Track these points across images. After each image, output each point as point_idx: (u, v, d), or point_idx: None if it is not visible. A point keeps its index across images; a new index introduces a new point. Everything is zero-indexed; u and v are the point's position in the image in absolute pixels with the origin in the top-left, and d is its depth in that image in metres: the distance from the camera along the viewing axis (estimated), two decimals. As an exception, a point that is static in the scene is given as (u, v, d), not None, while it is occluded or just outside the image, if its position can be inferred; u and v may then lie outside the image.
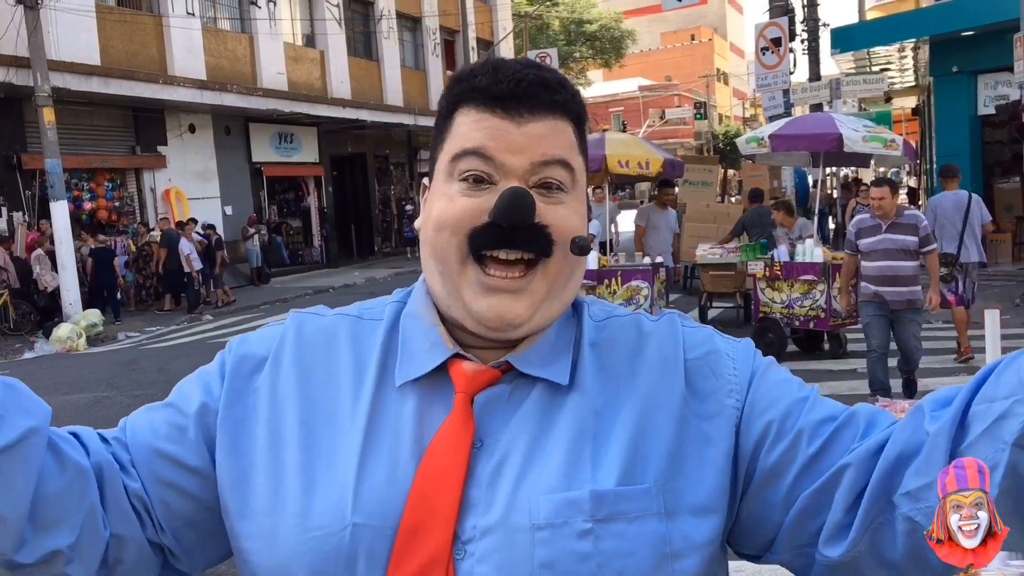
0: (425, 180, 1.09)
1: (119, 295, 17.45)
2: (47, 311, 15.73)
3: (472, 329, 1.01)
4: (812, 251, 9.60)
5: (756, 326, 9.98)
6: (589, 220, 1.12)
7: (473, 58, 31.81)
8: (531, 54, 34.38)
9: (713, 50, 70.68)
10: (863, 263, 7.21)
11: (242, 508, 1.00)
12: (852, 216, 11.87)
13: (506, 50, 37.97)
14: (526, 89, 0.99)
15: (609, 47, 48.68)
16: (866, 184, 12.49)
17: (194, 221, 19.26)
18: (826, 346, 9.91)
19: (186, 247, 17.92)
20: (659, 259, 10.82)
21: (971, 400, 0.88)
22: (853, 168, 27.89)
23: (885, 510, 0.93)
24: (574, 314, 1.08)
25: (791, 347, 9.95)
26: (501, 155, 0.98)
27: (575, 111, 1.03)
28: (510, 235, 0.96)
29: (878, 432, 0.97)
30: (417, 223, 1.07)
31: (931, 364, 8.95)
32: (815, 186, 14.56)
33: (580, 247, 1.00)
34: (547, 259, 0.98)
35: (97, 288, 16.85)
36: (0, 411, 0.88)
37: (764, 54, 18.69)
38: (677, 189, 17.78)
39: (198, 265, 17.97)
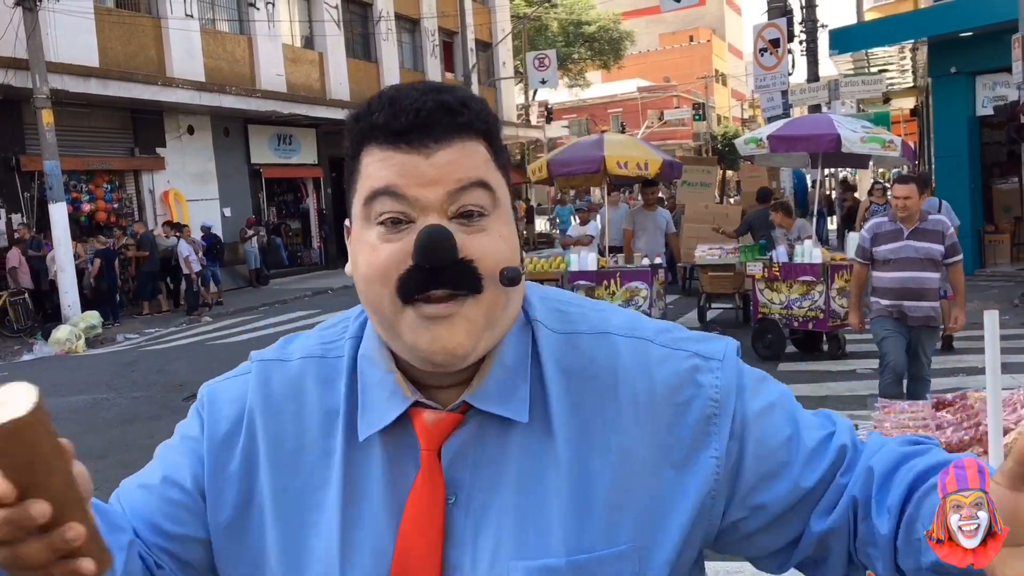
0: (347, 222, 1.05)
1: (118, 297, 17.49)
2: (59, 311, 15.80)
3: (421, 367, 0.97)
4: (811, 252, 9.61)
5: (755, 327, 9.99)
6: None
7: (472, 60, 31.85)
8: (530, 56, 34.40)
9: (711, 51, 70.71)
10: (877, 273, 6.25)
11: None
12: (865, 218, 11.75)
13: (504, 52, 38.02)
14: (427, 118, 0.94)
15: (608, 48, 48.70)
16: (881, 183, 12.25)
17: (185, 227, 19.32)
18: (825, 347, 9.91)
19: (184, 249, 17.93)
20: (657, 260, 10.83)
21: (903, 507, 0.95)
22: (851, 170, 27.89)
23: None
24: (527, 322, 1.03)
25: (790, 348, 9.96)
26: (413, 191, 0.93)
27: (484, 127, 0.98)
28: (436, 275, 0.92)
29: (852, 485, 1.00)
30: (347, 269, 1.03)
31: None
32: (813, 186, 14.59)
33: (509, 279, 0.94)
34: (478, 294, 0.94)
35: (102, 290, 16.94)
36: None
37: (762, 55, 18.71)
38: (677, 189, 17.79)
39: (197, 267, 18.00)
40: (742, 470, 0.99)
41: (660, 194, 15.34)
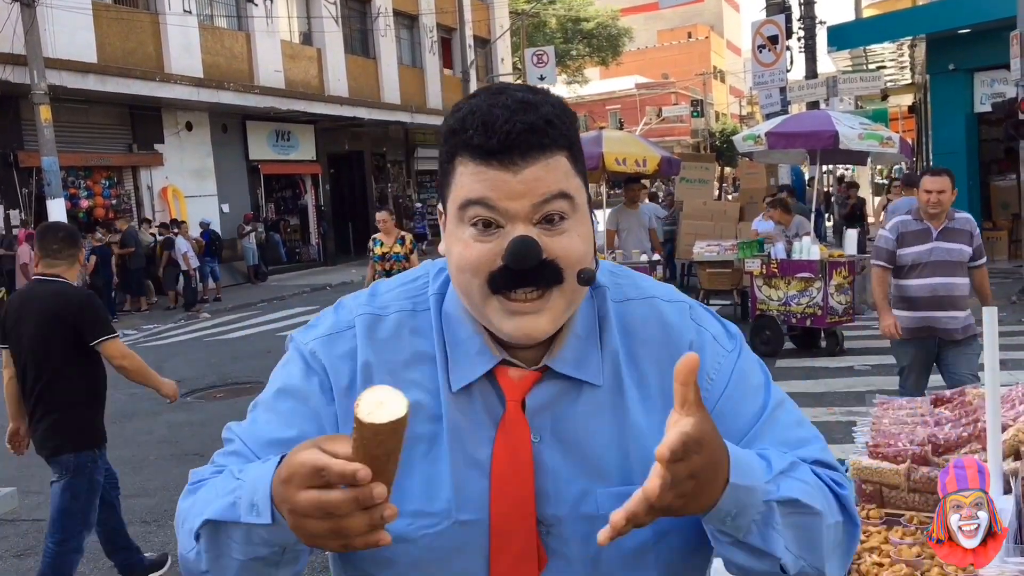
0: (439, 206, 1.18)
1: (112, 293, 17.46)
2: None
3: (504, 339, 1.13)
4: (809, 248, 9.61)
5: (753, 323, 10.00)
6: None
7: (470, 56, 31.80)
8: (528, 52, 34.37)
9: (710, 48, 70.65)
10: (902, 281, 5.47)
11: None
12: (882, 214, 11.57)
13: (503, 48, 37.97)
14: (516, 140, 1.06)
15: (606, 45, 48.65)
16: (896, 182, 12.01)
17: (183, 223, 19.37)
18: (823, 343, 9.93)
19: (183, 245, 17.92)
20: (656, 256, 10.81)
21: None
22: (849, 167, 27.88)
23: None
24: (592, 296, 1.20)
25: (788, 344, 9.97)
26: (503, 203, 1.07)
27: (566, 142, 1.10)
28: (524, 275, 1.08)
29: None
30: (441, 248, 1.17)
31: (927, 361, 8.98)
32: (810, 184, 14.60)
33: (586, 280, 1.10)
34: (561, 285, 1.10)
35: (98, 286, 16.88)
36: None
37: (761, 52, 18.71)
38: (675, 185, 17.76)
39: (195, 263, 17.98)
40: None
41: (653, 190, 15.22)
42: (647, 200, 11.77)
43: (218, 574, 1.08)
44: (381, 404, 0.91)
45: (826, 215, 16.25)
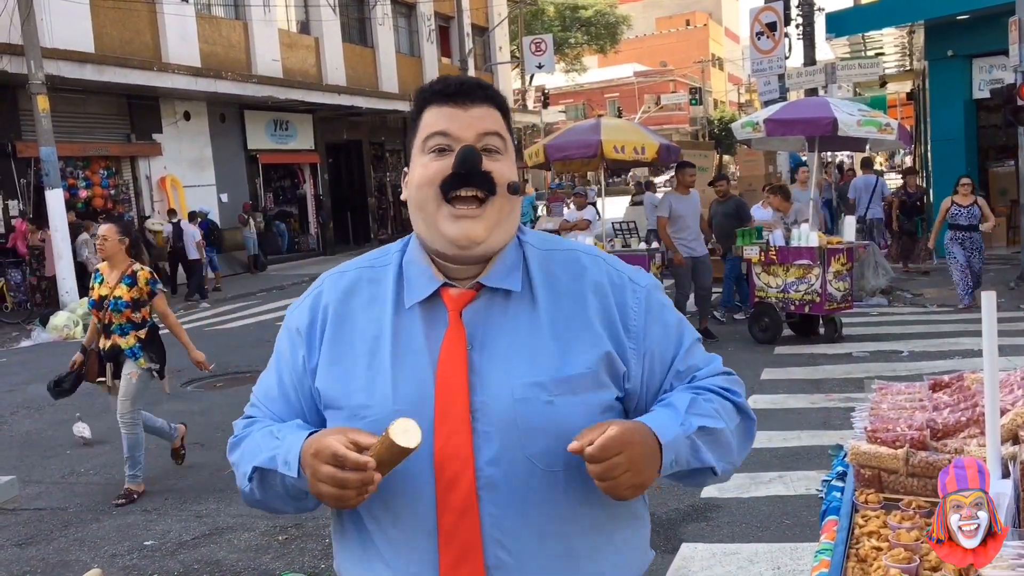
0: (406, 168, 1.56)
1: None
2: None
3: (448, 252, 1.47)
4: (807, 236, 9.62)
5: (752, 310, 10.00)
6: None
7: (468, 44, 31.73)
8: (526, 40, 34.26)
9: (708, 35, 70.48)
10: None
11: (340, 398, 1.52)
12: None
13: (501, 36, 37.85)
14: (466, 88, 1.49)
15: (604, 33, 48.56)
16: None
17: (173, 212, 19.46)
18: (821, 330, 9.93)
19: (196, 234, 18.06)
20: (697, 250, 10.34)
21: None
22: (847, 153, 27.81)
23: None
24: (519, 244, 1.55)
25: (786, 331, 9.98)
26: (456, 131, 1.46)
27: (501, 104, 1.52)
28: (466, 178, 1.43)
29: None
30: (405, 195, 1.54)
31: (926, 348, 9.00)
32: (796, 167, 14.54)
33: (514, 189, 1.48)
34: (493, 196, 1.45)
35: None
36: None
37: (759, 39, 18.66)
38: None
39: (193, 254, 18.00)
40: (644, 364, 1.54)
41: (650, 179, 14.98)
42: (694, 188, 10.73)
43: (268, 499, 1.53)
44: (406, 432, 1.31)
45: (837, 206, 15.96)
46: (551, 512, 1.45)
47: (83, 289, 16.00)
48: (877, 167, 19.75)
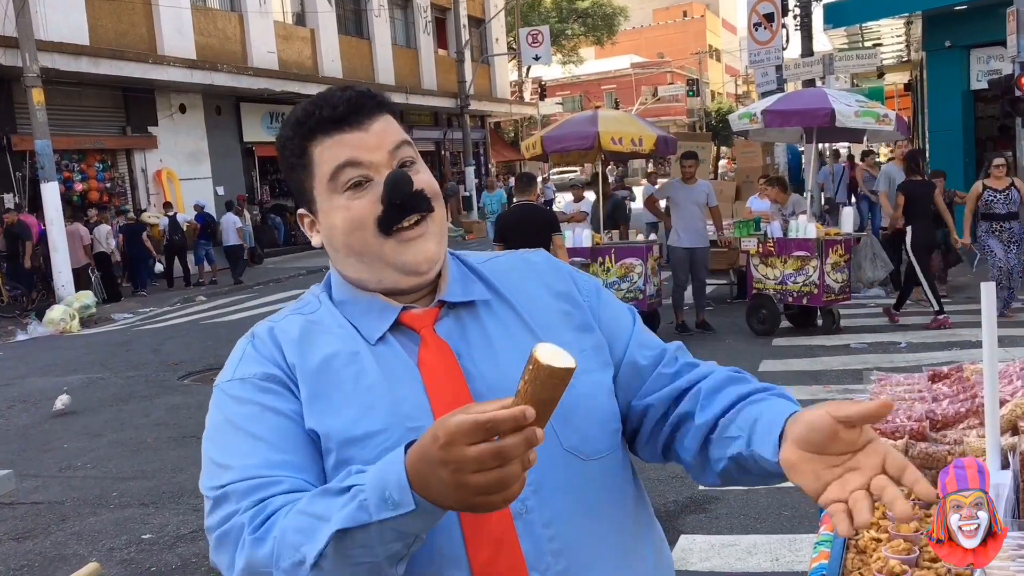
0: (301, 211, 1.38)
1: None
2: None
3: (402, 284, 1.31)
4: (805, 227, 9.60)
5: (749, 302, 10.00)
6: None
7: (465, 36, 31.62)
8: (523, 32, 34.18)
9: (705, 26, 70.39)
10: None
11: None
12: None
13: (497, 28, 37.77)
14: (356, 105, 1.29)
15: (601, 24, 48.44)
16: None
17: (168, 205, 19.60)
18: (819, 322, 9.93)
19: (236, 220, 19.01)
20: (693, 242, 10.06)
21: (723, 415, 1.31)
22: (845, 144, 27.83)
23: (670, 446, 1.39)
24: (454, 257, 1.42)
25: (784, 323, 9.98)
26: (366, 156, 1.27)
27: (392, 108, 1.34)
28: (403, 208, 1.27)
29: (677, 381, 1.39)
30: (316, 242, 1.37)
31: (924, 339, 9.00)
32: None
33: (451, 192, 1.50)
34: (432, 213, 1.30)
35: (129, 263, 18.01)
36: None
37: (757, 30, 18.62)
38: (671, 165, 17.70)
39: (234, 240, 18.93)
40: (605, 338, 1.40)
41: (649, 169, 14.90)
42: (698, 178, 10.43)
43: None
44: (556, 355, 1.00)
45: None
46: (600, 510, 1.31)
47: (84, 283, 15.99)
48: (880, 159, 19.67)
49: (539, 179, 12.54)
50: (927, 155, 16.31)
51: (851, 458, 1.10)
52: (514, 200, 8.95)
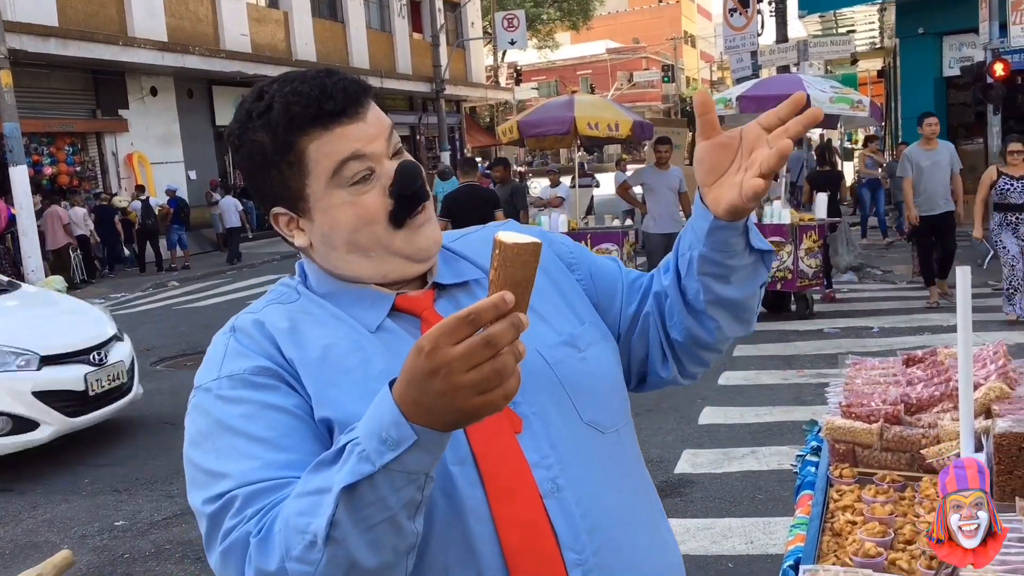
0: (277, 209, 1.28)
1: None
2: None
3: (412, 273, 1.28)
4: (779, 213, 9.65)
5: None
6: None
7: (440, 20, 31.43)
8: (498, 16, 34.02)
9: (680, 12, 70.39)
10: None
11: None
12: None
13: (473, 12, 37.58)
14: (350, 96, 1.22)
15: (576, 9, 48.31)
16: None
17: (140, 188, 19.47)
18: (793, 307, 10.00)
19: (237, 204, 19.60)
20: (668, 227, 9.88)
21: (677, 260, 1.37)
22: (821, 131, 27.92)
23: (671, 342, 1.43)
24: None
25: (759, 308, 10.03)
26: (370, 148, 1.22)
27: (371, 90, 1.28)
28: (414, 196, 1.24)
29: (646, 281, 1.45)
30: (300, 242, 1.28)
31: (896, 324, 9.09)
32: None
33: (443, 174, 1.39)
34: (427, 200, 1.28)
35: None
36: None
37: (732, 16, 18.65)
38: (646, 150, 17.70)
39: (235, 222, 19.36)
40: (596, 289, 1.43)
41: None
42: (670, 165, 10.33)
43: (361, 556, 1.00)
44: (519, 236, 0.99)
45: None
46: (625, 483, 1.31)
47: (64, 264, 15.80)
48: (848, 145, 19.78)
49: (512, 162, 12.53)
50: (899, 140, 16.43)
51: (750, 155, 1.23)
52: (460, 181, 9.56)
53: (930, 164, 9.62)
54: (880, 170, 15.88)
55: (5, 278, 8.18)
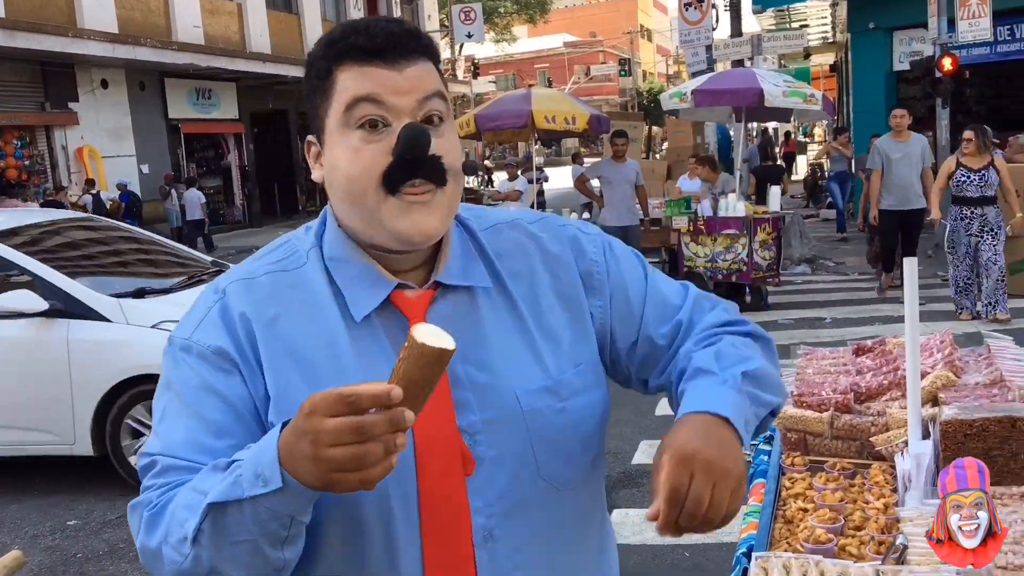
0: (310, 138, 1.24)
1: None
2: None
3: (391, 246, 1.18)
4: (735, 206, 9.75)
5: (680, 280, 10.13)
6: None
7: (396, 12, 31.30)
8: (455, 9, 33.91)
9: (637, 6, 70.68)
10: None
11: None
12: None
13: (429, 4, 37.42)
14: (397, 41, 1.15)
15: (533, 2, 48.27)
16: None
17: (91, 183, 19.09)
18: (748, 299, 10.11)
19: (200, 196, 19.78)
20: (625, 220, 10.05)
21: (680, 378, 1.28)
22: (776, 124, 28.26)
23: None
24: (457, 223, 1.29)
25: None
26: (391, 98, 1.14)
27: (435, 54, 1.21)
28: (415, 168, 1.13)
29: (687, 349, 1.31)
30: (316, 176, 1.23)
31: (848, 315, 9.23)
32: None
33: (470, 168, 1.35)
34: (443, 187, 1.17)
35: None
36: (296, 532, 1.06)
37: (687, 10, 18.76)
38: (604, 144, 17.77)
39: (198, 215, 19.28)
40: (614, 313, 1.32)
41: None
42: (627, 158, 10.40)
43: (224, 560, 1.06)
44: (435, 335, 0.97)
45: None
46: (568, 541, 1.27)
47: None
48: (801, 138, 20.05)
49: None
50: (851, 134, 16.67)
51: None
52: None
53: (900, 156, 9.51)
54: (850, 162, 16.04)
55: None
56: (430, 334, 0.97)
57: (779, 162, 13.23)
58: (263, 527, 1.02)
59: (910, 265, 2.06)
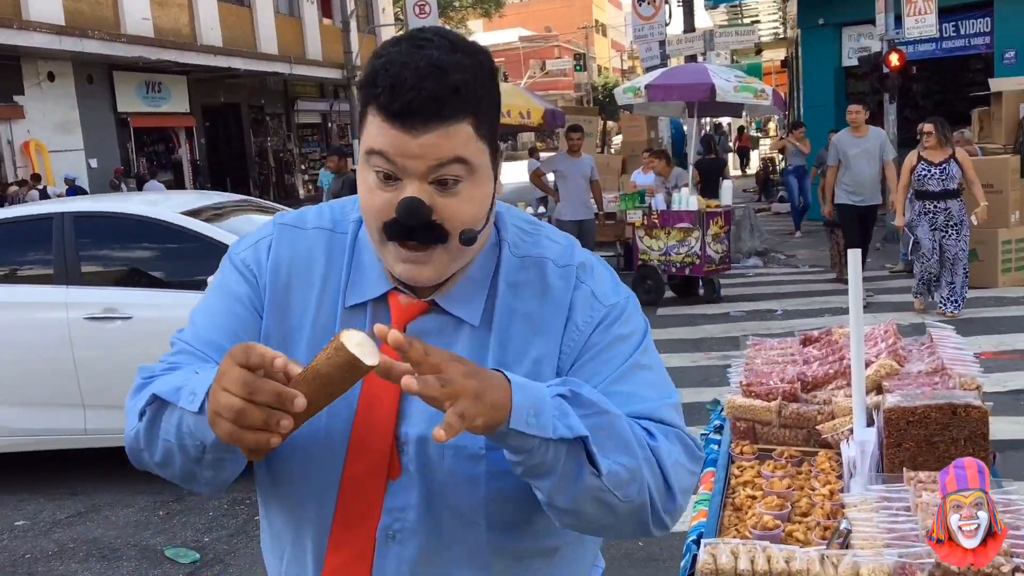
0: (357, 142, 1.36)
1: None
2: None
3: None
4: (687, 200, 9.84)
5: (635, 274, 10.21)
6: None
7: (350, 6, 30.97)
8: (409, 2, 33.72)
9: (592, 1, 70.87)
10: None
11: None
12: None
13: (383, -2, 37.13)
14: (418, 107, 1.13)
15: (489, -4, 48.21)
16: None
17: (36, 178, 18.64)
18: (701, 291, 10.22)
19: (162, 188, 18.71)
20: (580, 214, 10.15)
21: None
22: (727, 119, 28.48)
23: None
24: (496, 242, 1.31)
25: (669, 293, 10.23)
26: (400, 160, 1.16)
27: (472, 109, 1.16)
28: (411, 231, 1.17)
29: None
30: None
31: (798, 307, 9.37)
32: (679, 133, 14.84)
33: (466, 240, 1.20)
34: (443, 244, 1.19)
35: None
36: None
37: (640, 5, 18.84)
38: (559, 138, 17.79)
39: None
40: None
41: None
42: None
43: (150, 454, 1.23)
44: (361, 346, 0.99)
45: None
46: (467, 564, 1.28)
47: None
48: (753, 133, 20.27)
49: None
50: (804, 129, 16.89)
51: None
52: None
53: (858, 151, 9.53)
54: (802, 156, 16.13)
55: None
56: (358, 341, 0.99)
57: (722, 156, 13.40)
58: (181, 439, 1.16)
59: (854, 256, 2.11)
